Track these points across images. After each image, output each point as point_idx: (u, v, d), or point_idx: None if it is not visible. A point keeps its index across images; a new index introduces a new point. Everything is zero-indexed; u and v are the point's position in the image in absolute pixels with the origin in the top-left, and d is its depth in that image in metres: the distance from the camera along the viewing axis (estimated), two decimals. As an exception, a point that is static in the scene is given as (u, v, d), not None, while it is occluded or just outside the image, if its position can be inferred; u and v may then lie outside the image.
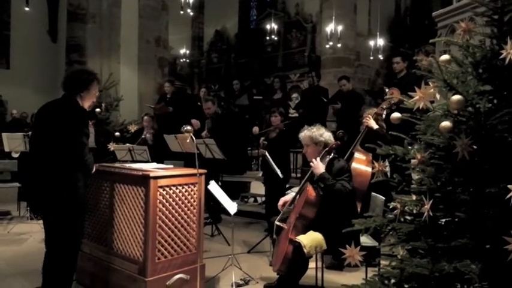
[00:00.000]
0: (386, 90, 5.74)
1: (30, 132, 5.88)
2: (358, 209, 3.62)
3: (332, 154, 3.29)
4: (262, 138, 5.26)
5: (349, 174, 3.18)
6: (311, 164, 3.24)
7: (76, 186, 2.77)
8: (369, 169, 3.84)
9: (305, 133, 3.34)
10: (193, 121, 5.96)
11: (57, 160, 2.73)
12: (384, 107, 4.24)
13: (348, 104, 6.45)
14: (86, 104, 2.95)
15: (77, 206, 2.80)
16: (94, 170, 2.98)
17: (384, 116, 4.35)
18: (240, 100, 8.56)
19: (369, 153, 3.96)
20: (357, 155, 4.03)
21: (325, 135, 3.29)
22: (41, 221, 5.49)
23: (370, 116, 4.17)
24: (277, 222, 3.22)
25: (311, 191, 3.10)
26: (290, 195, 3.48)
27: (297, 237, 2.97)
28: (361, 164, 3.93)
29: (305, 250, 2.88)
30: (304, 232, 3.06)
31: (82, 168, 2.81)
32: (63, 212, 2.76)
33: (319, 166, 3.16)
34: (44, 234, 2.88)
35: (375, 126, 4.09)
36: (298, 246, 2.92)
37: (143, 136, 6.19)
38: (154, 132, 6.31)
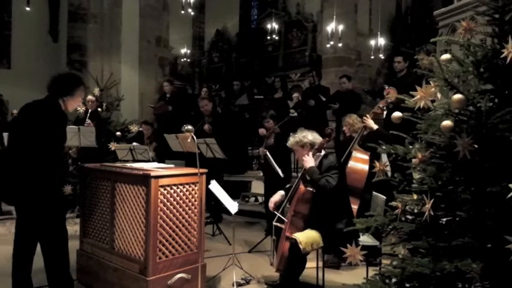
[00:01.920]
0: (386, 87, 5.74)
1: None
2: (357, 206, 3.65)
3: (322, 151, 3.36)
4: (261, 149, 5.20)
5: (336, 171, 3.22)
6: (303, 158, 3.30)
7: (54, 186, 2.81)
8: (366, 167, 3.90)
9: (290, 140, 3.44)
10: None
11: (37, 160, 2.73)
12: (381, 106, 4.27)
13: (347, 104, 6.45)
14: (70, 108, 2.97)
15: (62, 203, 2.87)
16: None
17: (384, 115, 4.36)
18: (240, 100, 8.56)
19: (366, 151, 3.99)
20: (354, 153, 4.08)
21: (309, 136, 3.37)
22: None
23: (368, 116, 4.19)
24: (275, 223, 3.27)
25: (303, 189, 3.18)
26: (278, 194, 3.51)
27: (293, 235, 3.01)
28: (358, 162, 3.99)
29: (301, 246, 2.93)
30: (302, 229, 3.11)
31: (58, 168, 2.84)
32: (54, 209, 2.79)
33: (308, 160, 3.25)
34: (19, 237, 2.89)
35: (375, 126, 4.11)
36: (294, 243, 2.96)
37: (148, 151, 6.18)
38: (156, 146, 6.25)
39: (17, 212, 2.96)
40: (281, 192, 3.51)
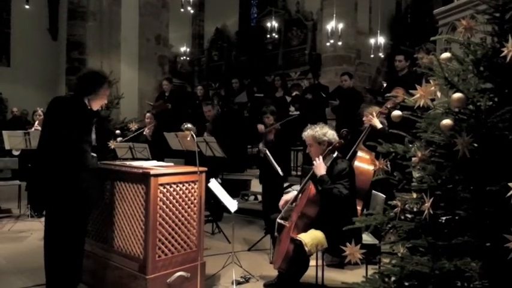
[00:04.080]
0: (384, 85, 5.73)
1: (32, 129, 5.89)
2: (360, 208, 3.63)
3: (336, 153, 3.27)
4: (261, 145, 5.16)
5: (348, 178, 3.11)
6: (314, 162, 3.21)
7: (80, 185, 2.78)
8: (372, 168, 3.84)
9: (308, 132, 3.27)
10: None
11: (62, 159, 2.76)
12: (389, 106, 4.23)
13: (347, 102, 6.44)
14: (95, 106, 2.97)
15: (80, 205, 2.82)
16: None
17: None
18: (239, 97, 8.56)
19: (372, 152, 3.95)
20: (359, 153, 4.03)
21: (329, 134, 3.22)
22: (41, 219, 5.53)
23: (373, 114, 4.14)
24: (278, 220, 3.21)
25: (313, 190, 3.09)
26: (291, 193, 3.47)
27: (298, 236, 2.97)
28: (363, 162, 3.93)
29: (306, 248, 2.88)
30: (305, 231, 3.06)
31: (84, 168, 2.82)
32: (66, 210, 2.77)
33: (320, 167, 3.11)
34: (44, 233, 2.89)
35: (379, 125, 4.07)
36: (299, 245, 2.92)
37: (144, 133, 6.19)
38: (154, 128, 6.27)
39: (46, 213, 2.96)
40: (294, 192, 3.45)
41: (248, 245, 4.59)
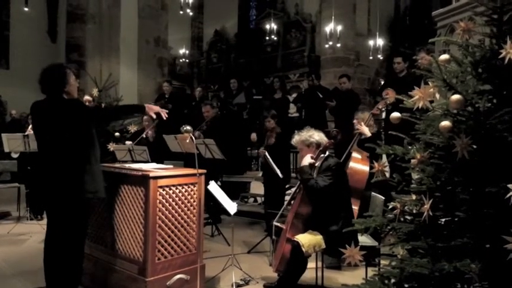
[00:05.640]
0: (382, 82, 5.78)
1: (26, 132, 5.87)
2: (357, 207, 3.64)
3: (327, 153, 3.32)
4: (261, 148, 5.16)
5: (331, 173, 3.11)
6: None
7: (82, 187, 2.78)
8: (366, 167, 3.91)
9: (296, 138, 3.36)
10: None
11: (69, 160, 2.74)
12: (380, 107, 4.31)
13: (345, 103, 6.45)
14: (75, 93, 2.96)
15: (82, 207, 2.82)
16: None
17: (384, 115, 4.39)
18: (237, 99, 8.57)
19: (365, 152, 4.02)
20: (354, 154, 4.12)
21: (315, 135, 3.30)
22: (41, 221, 5.54)
23: (362, 122, 4.23)
24: (275, 223, 3.25)
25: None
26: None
27: (295, 237, 2.99)
28: (358, 163, 4.02)
29: (303, 249, 2.90)
30: (302, 231, 3.08)
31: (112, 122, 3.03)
32: (68, 212, 2.77)
33: (304, 160, 3.19)
34: (46, 235, 2.88)
35: (368, 133, 4.17)
36: (296, 246, 2.94)
37: (143, 135, 6.17)
38: (155, 129, 6.27)
39: (47, 215, 2.96)
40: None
41: (248, 247, 4.59)
